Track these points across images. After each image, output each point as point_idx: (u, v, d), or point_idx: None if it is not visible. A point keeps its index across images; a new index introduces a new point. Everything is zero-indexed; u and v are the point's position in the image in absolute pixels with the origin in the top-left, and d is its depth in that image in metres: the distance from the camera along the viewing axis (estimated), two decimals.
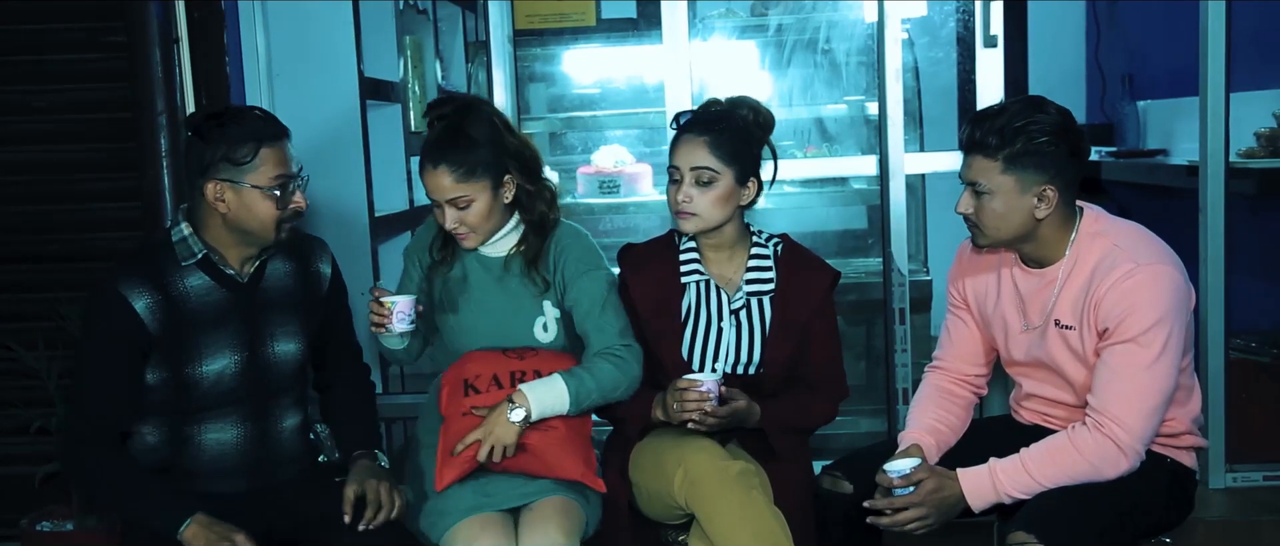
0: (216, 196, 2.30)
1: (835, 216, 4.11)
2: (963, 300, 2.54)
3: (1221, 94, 3.02)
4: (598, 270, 2.55)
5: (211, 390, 2.37)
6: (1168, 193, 3.65)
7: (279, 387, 2.46)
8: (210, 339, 2.35)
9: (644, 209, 3.79)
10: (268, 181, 2.30)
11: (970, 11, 3.25)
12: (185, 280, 2.34)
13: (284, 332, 2.45)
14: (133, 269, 2.32)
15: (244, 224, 2.32)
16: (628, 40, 4.09)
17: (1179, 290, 2.23)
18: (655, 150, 3.97)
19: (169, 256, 2.34)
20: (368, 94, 3.55)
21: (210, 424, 2.39)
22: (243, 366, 2.39)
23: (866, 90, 3.93)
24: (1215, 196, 3.04)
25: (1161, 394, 2.23)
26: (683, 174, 2.50)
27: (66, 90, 3.28)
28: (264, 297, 2.42)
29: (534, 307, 2.56)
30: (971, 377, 2.57)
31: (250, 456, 2.43)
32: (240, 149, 2.28)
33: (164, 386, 2.34)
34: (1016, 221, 2.28)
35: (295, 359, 2.47)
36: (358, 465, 2.47)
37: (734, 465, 2.34)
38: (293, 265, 2.48)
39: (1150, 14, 4.47)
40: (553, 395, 2.42)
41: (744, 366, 2.55)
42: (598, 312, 2.51)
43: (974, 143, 2.28)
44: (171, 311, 2.31)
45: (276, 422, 2.47)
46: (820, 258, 2.65)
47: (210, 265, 2.36)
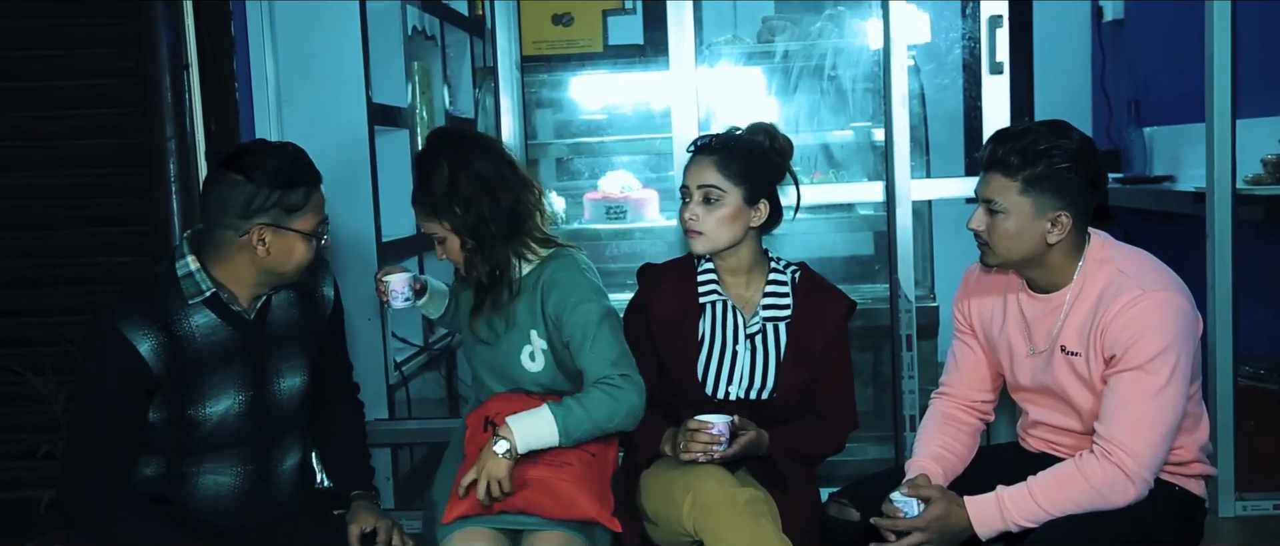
0: (258, 240, 2.22)
1: (842, 242, 4.11)
2: (968, 325, 2.54)
3: (1228, 120, 3.02)
4: (587, 302, 2.49)
5: (215, 431, 2.30)
6: (1175, 219, 3.65)
7: (283, 425, 2.41)
8: (215, 379, 2.28)
9: (650, 235, 3.80)
10: (313, 226, 2.26)
11: (976, 38, 3.26)
12: (191, 319, 2.25)
13: (290, 367, 2.39)
14: (135, 308, 2.22)
15: (278, 266, 2.26)
16: (635, 67, 4.11)
17: (1185, 317, 2.23)
18: (662, 176, 3.98)
19: (174, 293, 2.25)
20: (376, 119, 3.56)
21: (209, 464, 2.33)
22: (247, 406, 2.33)
23: (873, 116, 3.94)
24: (1223, 223, 3.03)
25: (1169, 422, 2.22)
26: (691, 193, 2.51)
27: (77, 116, 3.30)
28: (270, 333, 2.36)
29: (521, 337, 2.53)
30: (978, 404, 2.56)
31: (246, 499, 2.38)
32: (295, 193, 2.22)
33: (166, 426, 2.27)
34: (1028, 244, 2.28)
35: (301, 392, 2.42)
36: (359, 505, 2.45)
37: (743, 492, 2.33)
38: (294, 293, 2.41)
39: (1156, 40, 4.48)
40: (538, 425, 2.37)
41: (758, 391, 2.54)
42: (589, 344, 2.46)
43: (995, 160, 2.27)
44: (176, 352, 2.23)
45: (277, 464, 2.42)
46: (836, 287, 2.64)
47: (217, 303, 2.28)
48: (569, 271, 2.53)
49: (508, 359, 2.55)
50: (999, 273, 2.43)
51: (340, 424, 2.58)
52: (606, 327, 2.49)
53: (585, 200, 3.86)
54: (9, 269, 3.32)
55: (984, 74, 3.23)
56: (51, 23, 3.28)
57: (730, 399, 2.54)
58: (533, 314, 2.52)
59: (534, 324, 2.52)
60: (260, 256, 2.23)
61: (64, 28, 3.28)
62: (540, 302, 2.51)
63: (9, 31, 3.29)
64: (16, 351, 3.26)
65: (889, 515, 2.27)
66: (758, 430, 2.44)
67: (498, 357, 2.56)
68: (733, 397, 2.54)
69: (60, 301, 3.29)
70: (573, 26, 4.06)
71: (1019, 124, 2.32)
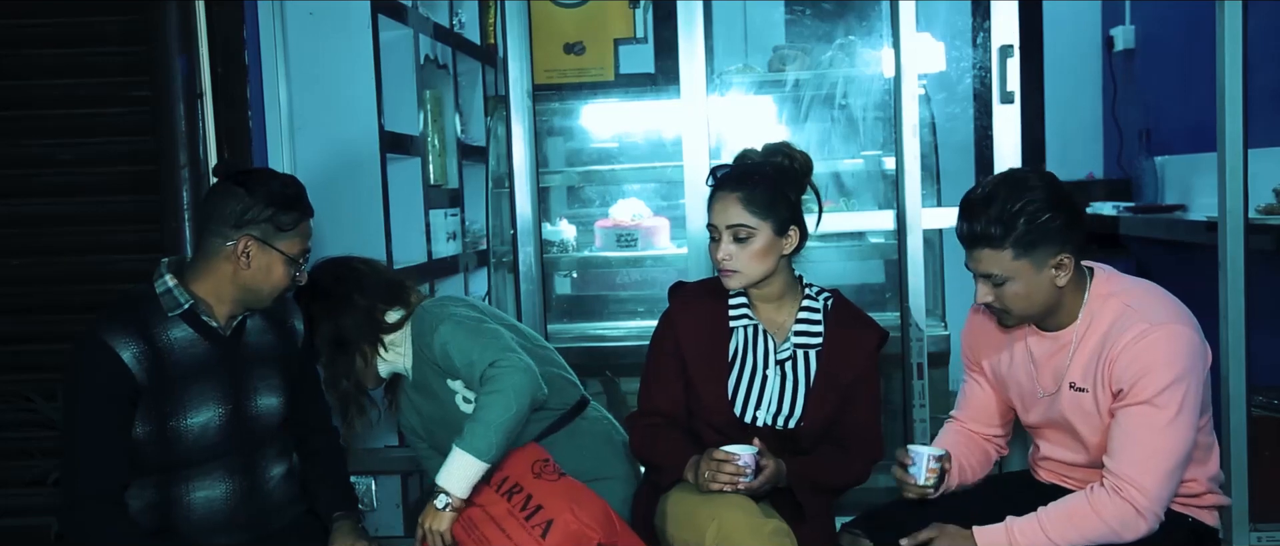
0: (243, 251, 2.29)
1: (853, 271, 4.10)
2: (977, 365, 2.53)
3: (1239, 150, 3.01)
4: (435, 330, 2.60)
5: (196, 444, 2.33)
6: (1186, 248, 3.64)
7: (263, 440, 2.45)
8: (194, 391, 2.33)
9: (661, 262, 3.80)
10: (296, 252, 2.33)
11: (987, 67, 3.27)
12: (170, 331, 2.31)
13: (266, 387, 2.43)
14: (117, 319, 2.29)
15: (255, 284, 2.32)
16: (646, 95, 4.12)
17: (1194, 349, 2.21)
18: (673, 204, 3.99)
19: (153, 307, 2.32)
20: (388, 147, 3.58)
21: (197, 481, 2.36)
22: (227, 419, 2.37)
23: (884, 145, 3.94)
24: (1235, 252, 3.02)
25: (1178, 455, 2.20)
26: (721, 232, 2.50)
27: (92, 143, 3.32)
28: (246, 351, 2.41)
29: (444, 390, 2.66)
30: (990, 436, 2.55)
31: (241, 510, 2.41)
32: (288, 214, 2.30)
33: (149, 441, 2.30)
34: (1041, 297, 2.26)
35: (277, 413, 2.46)
36: (341, 526, 2.47)
37: (768, 524, 2.31)
38: (268, 321, 2.48)
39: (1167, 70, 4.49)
40: (459, 464, 2.45)
41: (785, 418, 2.53)
42: (458, 358, 2.56)
43: (976, 237, 2.24)
44: (157, 362, 2.28)
45: (263, 473, 2.45)
46: (869, 317, 2.63)
47: (194, 317, 2.33)
48: (420, 319, 2.67)
49: (452, 413, 2.64)
50: None
51: (322, 455, 2.62)
52: (460, 333, 2.57)
53: (596, 228, 3.86)
54: (23, 295, 3.33)
55: (995, 103, 3.23)
56: (67, 51, 3.30)
57: (757, 424, 2.52)
58: (432, 368, 2.65)
59: (439, 375, 2.64)
60: (241, 269, 2.30)
61: (79, 56, 3.30)
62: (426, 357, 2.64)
63: (25, 60, 3.31)
64: (29, 377, 3.27)
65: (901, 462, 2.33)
66: (776, 461, 2.42)
67: (447, 417, 2.65)
68: (760, 423, 2.52)
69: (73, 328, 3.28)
70: (584, 55, 4.08)
71: (979, 189, 2.28)
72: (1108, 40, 4.91)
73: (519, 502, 2.43)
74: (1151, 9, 4.64)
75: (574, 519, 2.40)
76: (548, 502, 2.42)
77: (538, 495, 2.44)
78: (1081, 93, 4.97)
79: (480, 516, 2.46)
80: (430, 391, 2.68)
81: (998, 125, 3.23)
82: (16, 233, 3.34)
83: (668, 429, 2.54)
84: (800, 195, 2.56)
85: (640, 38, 4.17)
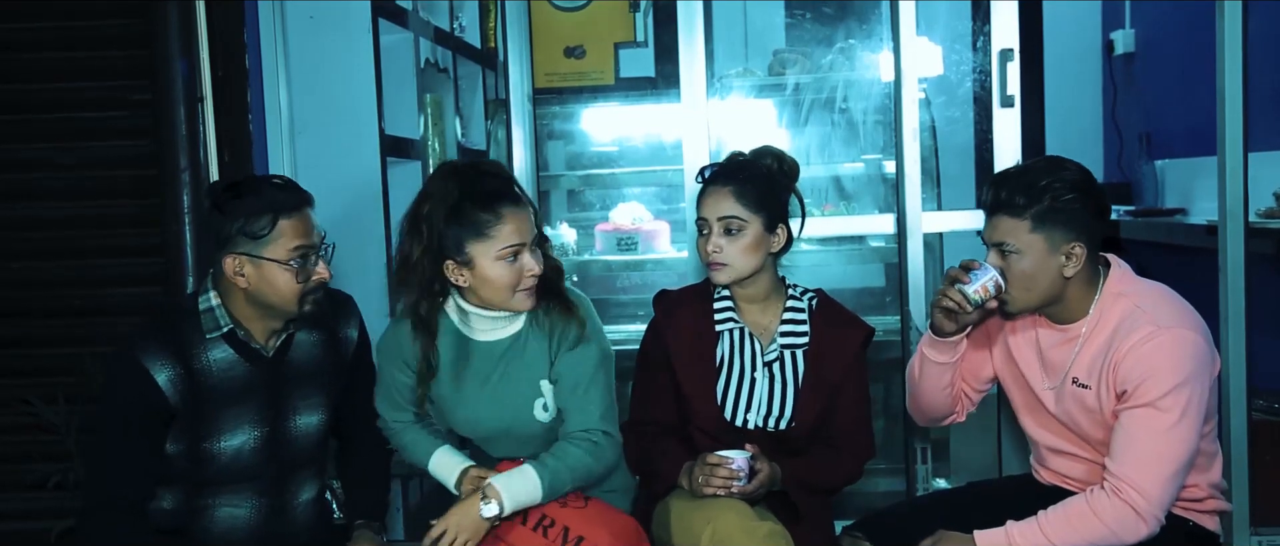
0: (236, 271, 2.25)
1: (853, 274, 4.10)
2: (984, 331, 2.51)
3: (1239, 153, 3.01)
4: (588, 343, 2.47)
5: (229, 465, 2.32)
6: (1187, 252, 3.64)
7: (299, 461, 2.42)
8: (230, 414, 2.30)
9: (661, 266, 3.80)
10: (286, 254, 2.25)
11: (987, 71, 3.27)
12: (209, 353, 2.29)
13: (307, 405, 2.40)
14: (155, 339, 2.27)
15: (265, 298, 2.28)
16: (646, 99, 4.12)
17: (1201, 355, 2.21)
18: (673, 207, 3.99)
19: (193, 326, 2.29)
20: (388, 151, 3.58)
21: (225, 497, 2.35)
22: (263, 441, 2.35)
23: (884, 149, 3.94)
24: (1235, 256, 3.02)
25: (1181, 459, 2.20)
26: (711, 225, 2.50)
27: (92, 147, 3.32)
28: (289, 371, 2.37)
29: (533, 390, 2.49)
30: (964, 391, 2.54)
31: (261, 532, 2.39)
32: (257, 222, 2.23)
33: (181, 458, 2.30)
34: (1045, 282, 2.26)
35: (317, 431, 2.43)
36: (361, 535, 2.45)
37: (762, 526, 2.31)
38: (319, 335, 2.43)
39: (1167, 74, 4.49)
40: (525, 485, 2.36)
41: (775, 420, 2.53)
42: (582, 390, 2.44)
43: (999, 203, 2.26)
44: (193, 385, 2.26)
45: (293, 498, 2.44)
46: (854, 314, 2.64)
47: (235, 339, 2.31)
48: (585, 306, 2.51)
49: (520, 415, 2.49)
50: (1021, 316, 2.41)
51: (365, 452, 2.57)
52: (602, 376, 2.47)
53: (596, 231, 3.86)
54: (24, 299, 3.33)
55: (995, 107, 3.24)
56: (67, 55, 3.31)
57: (748, 427, 2.53)
58: (544, 361, 2.48)
59: (545, 370, 2.48)
60: (242, 287, 2.26)
61: (80, 60, 3.31)
62: (552, 347, 2.48)
63: (25, 64, 3.32)
64: (30, 382, 3.27)
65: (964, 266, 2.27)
66: (770, 464, 2.42)
67: (509, 415, 2.49)
68: (751, 425, 2.53)
69: (73, 331, 3.30)
70: (584, 59, 4.08)
71: (1014, 166, 2.32)
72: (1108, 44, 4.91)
73: (557, 536, 2.35)
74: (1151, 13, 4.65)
75: (613, 539, 2.36)
76: (584, 530, 2.36)
77: (574, 525, 2.37)
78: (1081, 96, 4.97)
79: None
80: (514, 379, 2.48)
81: (998, 129, 3.24)
82: (16, 236, 3.34)
83: (661, 437, 2.55)
84: (787, 198, 2.57)
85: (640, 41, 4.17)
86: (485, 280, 2.38)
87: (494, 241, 2.36)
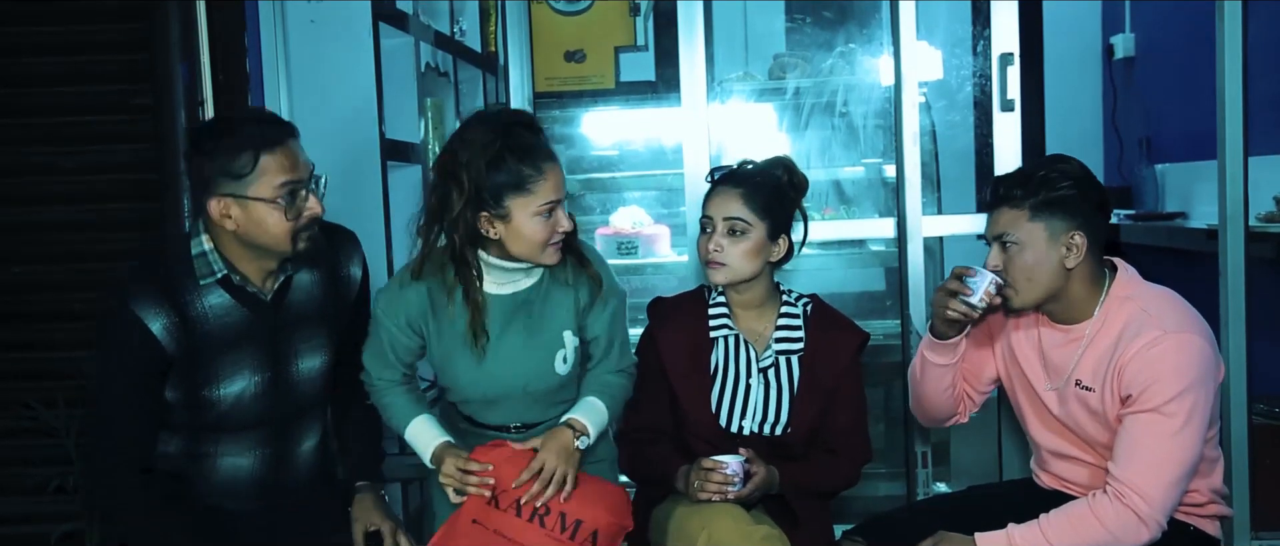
0: (222, 213, 2.17)
1: (853, 278, 4.10)
2: (986, 332, 2.51)
3: (1239, 157, 3.01)
4: (612, 295, 2.50)
5: (231, 412, 2.27)
6: (1187, 256, 3.64)
7: (303, 406, 2.37)
8: (228, 360, 2.24)
9: (662, 270, 3.80)
10: (272, 192, 2.15)
11: (987, 75, 3.27)
12: (204, 299, 2.22)
13: (309, 348, 2.34)
14: (148, 287, 2.19)
15: (256, 239, 2.19)
16: (646, 103, 4.12)
17: (1206, 360, 2.21)
18: (673, 211, 3.99)
19: (186, 273, 2.22)
20: (389, 154, 3.58)
21: (227, 445, 2.30)
22: (264, 387, 2.30)
23: (884, 153, 3.95)
24: (1235, 260, 3.02)
25: (1184, 465, 2.20)
26: (715, 224, 2.50)
27: (94, 151, 3.33)
28: (288, 315, 2.31)
29: (555, 341, 2.47)
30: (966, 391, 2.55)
31: (264, 481, 2.35)
32: (237, 160, 2.13)
33: (181, 406, 2.25)
34: (1047, 274, 2.27)
35: (321, 373, 2.37)
36: (363, 499, 2.41)
37: (758, 530, 2.32)
38: (320, 273, 2.36)
39: (1167, 78, 4.49)
40: (597, 413, 2.45)
41: (771, 426, 2.53)
42: (617, 336, 2.52)
43: (999, 197, 2.29)
44: (189, 332, 2.20)
45: (295, 445, 2.39)
46: (849, 319, 2.64)
47: (231, 283, 2.24)
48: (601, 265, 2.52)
49: (540, 368, 2.47)
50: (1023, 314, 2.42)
51: (358, 406, 2.51)
52: (623, 316, 2.56)
53: (597, 235, 3.86)
54: (25, 303, 3.34)
55: (995, 111, 3.24)
56: (68, 59, 3.31)
57: (744, 433, 2.53)
58: (568, 311, 2.47)
59: (569, 321, 2.47)
60: (231, 230, 2.18)
61: (80, 64, 3.31)
62: (577, 300, 2.47)
63: (27, 68, 3.32)
64: (30, 385, 3.27)
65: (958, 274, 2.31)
66: (767, 467, 2.42)
67: (528, 369, 2.46)
68: (747, 431, 2.53)
69: (73, 335, 3.30)
70: (585, 63, 4.09)
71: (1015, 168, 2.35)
72: (1108, 48, 4.91)
73: (554, 524, 2.34)
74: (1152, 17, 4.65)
75: (610, 516, 2.38)
76: (581, 512, 2.36)
77: (570, 510, 2.36)
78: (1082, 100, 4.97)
79: None
80: (536, 330, 2.44)
81: (998, 133, 3.24)
82: (17, 239, 3.34)
83: (657, 443, 2.55)
84: (793, 211, 2.57)
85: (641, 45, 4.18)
86: (520, 235, 2.33)
87: (535, 197, 2.31)
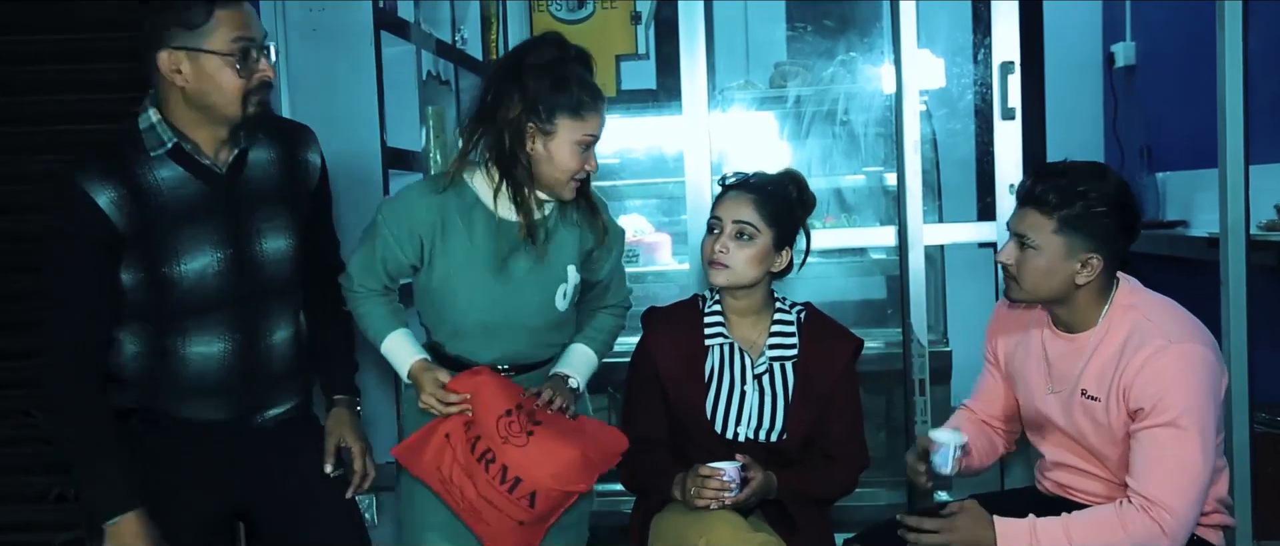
0: (173, 68, 2.10)
1: (854, 287, 4.11)
2: (994, 355, 2.53)
3: (1240, 166, 3.01)
4: (615, 238, 2.57)
5: (194, 291, 2.18)
6: (1188, 265, 3.64)
7: (270, 289, 2.28)
8: (187, 234, 2.16)
9: (663, 278, 3.80)
10: (226, 45, 2.10)
11: (988, 84, 3.27)
12: (155, 172, 2.14)
13: (272, 228, 2.27)
14: (94, 162, 2.12)
15: (206, 97, 2.12)
16: (647, 111, 4.13)
17: (1212, 369, 2.21)
18: (674, 219, 3.99)
19: (136, 147, 2.15)
20: (390, 163, 3.57)
21: (195, 334, 2.21)
22: (228, 265, 2.21)
23: (885, 161, 3.95)
24: (1236, 269, 3.02)
25: (1205, 477, 2.20)
26: (724, 226, 2.51)
27: None
28: (247, 189, 2.23)
29: (559, 274, 2.47)
30: (999, 427, 2.56)
31: (236, 373, 2.26)
32: (192, 11, 2.07)
33: (141, 288, 2.16)
34: (1055, 283, 2.27)
35: (287, 257, 2.29)
36: (339, 413, 2.38)
37: (756, 536, 2.32)
38: (277, 153, 2.30)
39: (1168, 86, 4.49)
40: (586, 365, 2.52)
41: (767, 432, 2.53)
42: (618, 275, 2.61)
43: (1032, 196, 2.27)
44: (141, 206, 2.12)
45: (266, 334, 2.29)
46: (843, 326, 2.64)
47: (183, 155, 2.16)
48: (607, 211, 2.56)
49: (540, 305, 2.46)
50: (1026, 307, 2.43)
51: (333, 315, 2.46)
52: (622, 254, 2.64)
53: None
54: (25, 311, 3.33)
55: (996, 119, 3.24)
56: (70, 68, 3.31)
57: (739, 439, 2.53)
58: (574, 248, 2.49)
59: (573, 257, 2.49)
60: (181, 87, 2.13)
61: (84, 70, 3.32)
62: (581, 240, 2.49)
63: (29, 76, 3.33)
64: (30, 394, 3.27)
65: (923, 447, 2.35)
66: (764, 473, 2.42)
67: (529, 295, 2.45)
68: (742, 437, 2.53)
69: None
70: None
71: (1060, 162, 2.32)
72: (1108, 56, 4.91)
73: (496, 473, 2.32)
74: (1152, 25, 4.65)
75: (552, 483, 2.33)
76: (523, 470, 2.32)
77: (513, 464, 2.32)
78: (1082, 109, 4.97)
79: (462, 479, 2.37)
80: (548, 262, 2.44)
81: (999, 141, 3.24)
82: (16, 248, 3.34)
83: (654, 452, 2.55)
84: (799, 225, 2.58)
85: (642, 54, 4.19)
86: (556, 157, 2.36)
87: (582, 125, 2.36)
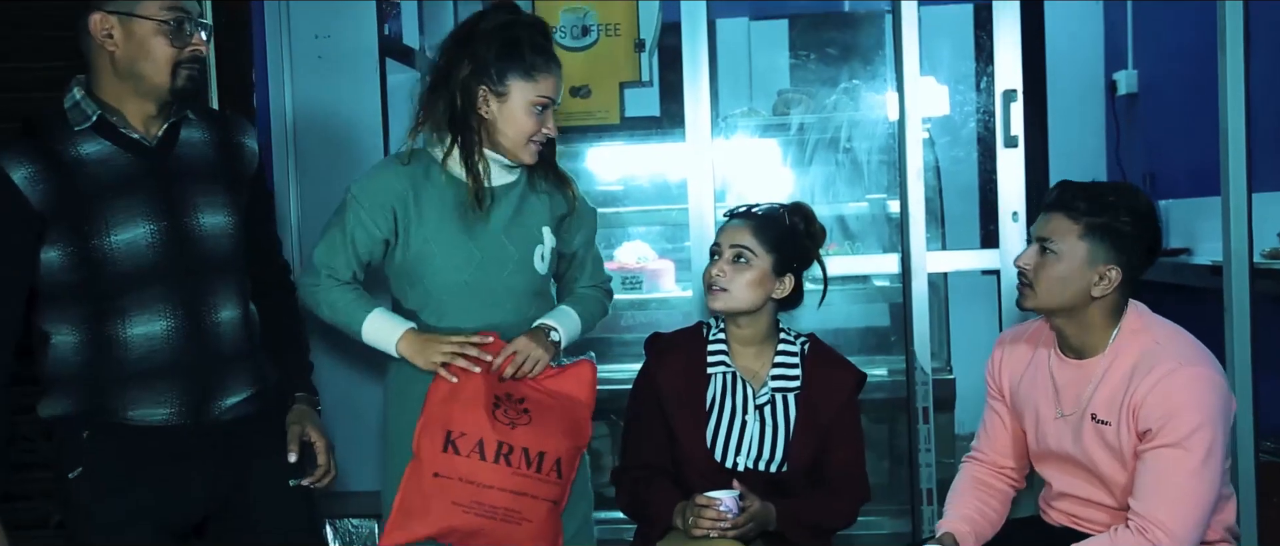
0: (104, 31, 2.08)
1: (857, 314, 4.10)
2: (998, 389, 2.52)
3: (1243, 194, 3.02)
4: (587, 209, 2.63)
5: (127, 263, 2.12)
6: (1192, 292, 3.64)
7: (211, 265, 2.21)
8: (117, 206, 2.11)
9: (666, 305, 3.80)
10: (160, 13, 2.08)
11: (991, 112, 3.28)
12: (78, 147, 2.10)
13: (209, 204, 2.20)
14: (12, 142, 2.08)
15: (136, 67, 2.10)
16: (651, 138, 4.13)
17: (1221, 394, 2.21)
18: (678, 246, 3.99)
19: (59, 124, 2.11)
20: None
21: (135, 314, 2.14)
22: (164, 236, 2.14)
23: (888, 189, 3.95)
24: (1240, 297, 3.02)
25: (1209, 500, 2.19)
26: (722, 251, 2.52)
27: None
28: (179, 164, 2.19)
29: (535, 235, 2.52)
30: (1008, 470, 2.54)
31: (183, 353, 2.17)
32: None
33: (72, 266, 2.11)
34: (1071, 292, 2.26)
35: (226, 233, 2.22)
36: (300, 409, 2.35)
37: None
38: (211, 134, 2.25)
39: (1170, 114, 4.50)
40: (569, 322, 2.53)
41: (767, 463, 2.52)
42: (593, 251, 2.64)
43: (1061, 202, 2.28)
44: (61, 180, 2.08)
45: (211, 310, 2.20)
46: (846, 359, 2.64)
47: (109, 128, 2.13)
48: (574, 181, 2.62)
49: (519, 263, 2.50)
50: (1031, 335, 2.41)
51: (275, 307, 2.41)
52: (595, 236, 2.67)
53: None
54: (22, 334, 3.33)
55: (999, 147, 3.25)
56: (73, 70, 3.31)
57: (739, 469, 2.51)
58: (546, 211, 2.55)
59: (547, 220, 2.54)
60: (111, 53, 2.09)
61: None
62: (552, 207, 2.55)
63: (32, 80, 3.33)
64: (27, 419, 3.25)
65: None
66: (762, 503, 2.41)
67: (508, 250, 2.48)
68: (742, 467, 2.52)
69: None
70: (590, 98, 4.10)
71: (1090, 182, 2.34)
72: (1111, 84, 4.93)
73: (519, 461, 2.35)
74: (1154, 53, 4.66)
75: (567, 440, 2.43)
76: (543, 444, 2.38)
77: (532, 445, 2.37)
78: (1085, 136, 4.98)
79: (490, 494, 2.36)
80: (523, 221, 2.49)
81: (1002, 169, 3.25)
82: None
83: (654, 480, 2.54)
84: (805, 254, 2.58)
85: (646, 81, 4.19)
86: (510, 119, 2.43)
87: (535, 86, 2.42)
